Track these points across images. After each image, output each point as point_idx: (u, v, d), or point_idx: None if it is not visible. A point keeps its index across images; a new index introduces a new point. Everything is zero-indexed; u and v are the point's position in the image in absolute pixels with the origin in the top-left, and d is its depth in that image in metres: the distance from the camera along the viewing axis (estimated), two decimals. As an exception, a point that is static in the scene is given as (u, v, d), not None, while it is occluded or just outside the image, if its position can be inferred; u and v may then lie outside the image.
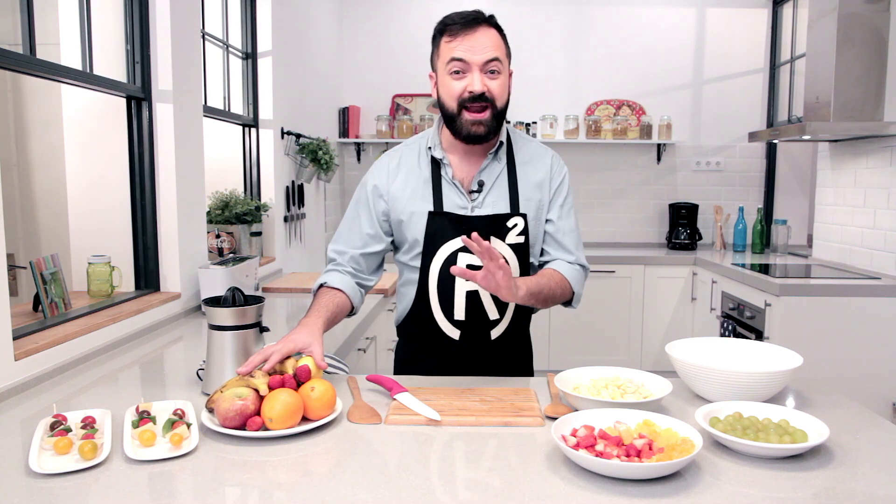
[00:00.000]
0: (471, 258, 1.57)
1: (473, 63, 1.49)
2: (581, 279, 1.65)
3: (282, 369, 1.33)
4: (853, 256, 3.66)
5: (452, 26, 1.50)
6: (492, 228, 1.58)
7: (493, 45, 1.50)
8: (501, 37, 1.55)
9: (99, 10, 2.18)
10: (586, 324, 4.48)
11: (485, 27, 1.50)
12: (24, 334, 1.68)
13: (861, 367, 3.15)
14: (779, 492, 1.04)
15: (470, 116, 1.51)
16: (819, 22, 3.58)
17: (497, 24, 1.55)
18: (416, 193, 1.62)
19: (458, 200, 1.60)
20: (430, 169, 1.62)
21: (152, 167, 2.31)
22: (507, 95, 1.55)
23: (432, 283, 1.62)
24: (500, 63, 1.51)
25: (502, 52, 1.53)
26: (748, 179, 5.01)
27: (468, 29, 1.49)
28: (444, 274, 1.59)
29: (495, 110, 1.52)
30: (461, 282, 1.59)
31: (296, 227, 3.74)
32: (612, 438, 1.12)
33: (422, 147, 1.65)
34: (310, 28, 4.11)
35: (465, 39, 1.49)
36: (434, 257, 1.60)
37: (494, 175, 1.61)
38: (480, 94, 1.49)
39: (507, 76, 1.56)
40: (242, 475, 1.10)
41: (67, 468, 1.08)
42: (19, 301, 2.56)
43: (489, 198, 1.60)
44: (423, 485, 1.06)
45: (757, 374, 1.36)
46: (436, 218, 1.59)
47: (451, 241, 1.58)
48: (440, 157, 1.60)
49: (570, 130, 4.86)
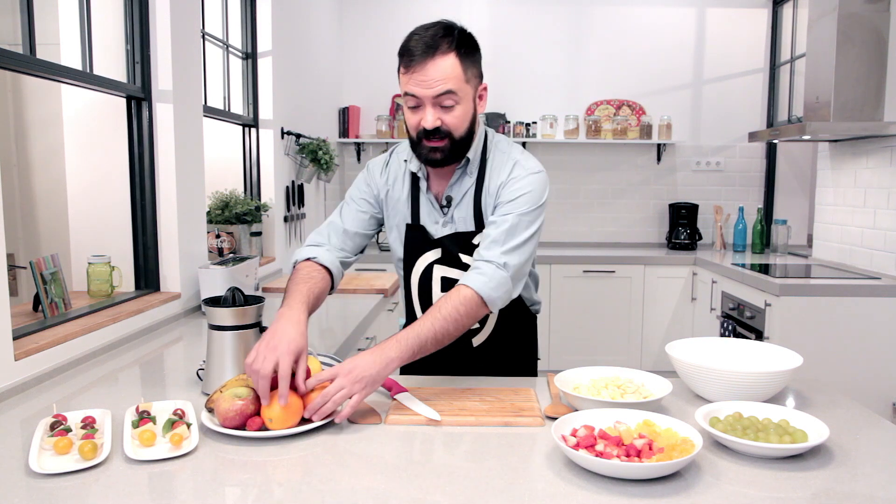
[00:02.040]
0: (446, 270, 1.61)
1: (425, 98, 1.43)
2: (496, 279, 1.44)
3: None
4: (853, 256, 3.66)
5: (407, 57, 1.42)
6: (458, 246, 1.60)
7: (444, 78, 1.41)
8: (463, 58, 1.44)
9: (99, 10, 2.18)
10: (586, 324, 4.48)
11: (440, 57, 1.40)
12: (24, 334, 1.68)
13: (861, 367, 3.15)
14: (779, 492, 1.04)
15: (428, 144, 1.49)
16: (819, 22, 3.58)
17: (460, 42, 1.44)
18: (399, 204, 1.65)
19: (432, 215, 1.62)
20: (410, 182, 1.63)
21: (152, 167, 2.31)
22: (467, 124, 1.48)
23: (414, 291, 1.67)
24: (455, 94, 1.43)
25: (458, 81, 1.43)
26: (748, 179, 5.01)
27: (421, 61, 1.40)
28: (423, 284, 1.64)
29: (453, 140, 1.48)
30: (438, 293, 1.62)
31: (296, 227, 3.74)
32: (612, 438, 1.12)
33: (402, 159, 1.65)
34: (310, 28, 4.11)
35: (417, 73, 1.41)
36: (413, 268, 1.65)
37: (463, 190, 1.59)
38: (434, 129, 1.46)
39: (472, 100, 1.48)
40: (242, 475, 1.10)
41: (67, 468, 1.08)
42: (19, 301, 2.56)
43: (458, 212, 1.61)
44: (422, 485, 1.06)
45: (757, 374, 1.36)
46: (412, 231, 1.63)
47: (428, 252, 1.62)
48: (416, 171, 1.60)
49: (570, 130, 4.86)
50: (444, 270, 1.61)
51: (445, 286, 1.61)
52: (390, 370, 1.33)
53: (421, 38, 1.42)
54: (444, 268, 1.61)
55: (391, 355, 1.32)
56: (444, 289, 1.61)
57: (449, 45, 1.42)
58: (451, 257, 1.60)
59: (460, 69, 1.44)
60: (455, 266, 1.61)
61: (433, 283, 1.63)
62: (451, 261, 1.61)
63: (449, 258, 1.61)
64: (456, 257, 1.60)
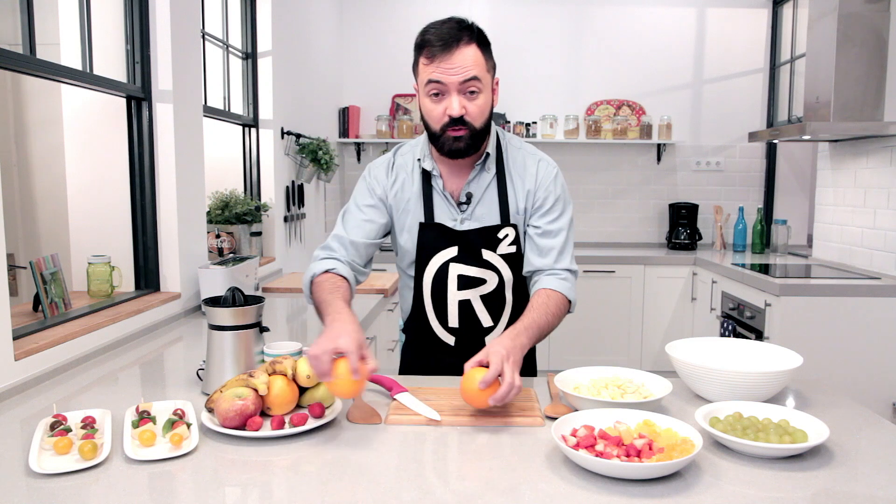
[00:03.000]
0: (463, 268, 1.60)
1: (451, 84, 1.45)
2: (572, 286, 1.60)
3: (282, 369, 1.33)
4: (853, 256, 3.66)
5: (430, 47, 1.45)
6: (483, 241, 1.59)
7: (471, 64, 1.45)
8: (482, 49, 1.48)
9: (99, 10, 2.18)
10: (586, 324, 4.48)
11: (463, 46, 1.44)
12: (24, 334, 1.68)
13: (861, 367, 3.15)
14: (779, 492, 1.04)
15: (451, 133, 1.50)
16: (819, 22, 3.58)
17: (478, 35, 1.48)
18: (410, 204, 1.63)
19: (449, 212, 1.61)
20: (422, 180, 1.62)
21: (152, 167, 2.31)
22: (486, 115, 1.51)
23: (426, 291, 1.64)
24: (480, 81, 1.46)
25: (482, 69, 1.47)
26: (748, 179, 5.01)
27: (447, 50, 1.44)
28: (437, 283, 1.62)
29: (473, 131, 1.50)
30: (453, 290, 1.61)
31: (296, 227, 3.74)
32: (612, 438, 1.12)
33: (414, 157, 1.65)
34: (310, 28, 4.11)
35: (443, 62, 1.44)
36: (427, 267, 1.62)
37: (483, 186, 1.61)
38: (459, 118, 1.47)
39: (490, 91, 1.52)
40: (242, 475, 1.10)
41: (67, 468, 1.08)
42: (19, 301, 2.57)
43: (478, 209, 1.61)
44: (422, 485, 1.06)
45: (757, 374, 1.36)
46: (427, 229, 1.61)
47: (443, 251, 1.60)
48: (430, 169, 1.60)
49: (570, 130, 4.86)
50: (460, 268, 1.60)
51: (462, 284, 1.60)
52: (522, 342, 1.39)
53: (441, 30, 1.46)
54: (460, 265, 1.60)
55: (523, 341, 1.39)
56: (462, 287, 1.60)
57: (470, 37, 1.47)
58: (470, 254, 1.60)
59: (483, 58, 1.48)
60: (473, 264, 1.60)
61: (448, 281, 1.61)
62: (469, 258, 1.60)
63: (467, 256, 1.60)
64: (476, 254, 1.59)
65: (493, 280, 1.62)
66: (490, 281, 1.62)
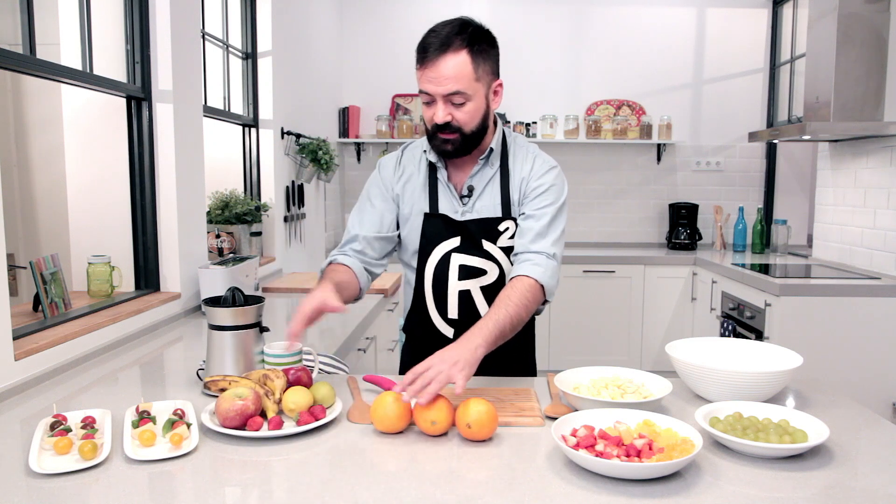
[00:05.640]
0: (465, 258, 1.62)
1: (436, 95, 1.49)
2: (546, 270, 1.54)
3: (271, 388, 1.33)
4: (853, 256, 3.66)
5: (423, 53, 1.49)
6: (483, 232, 1.62)
7: (455, 76, 1.46)
8: (474, 56, 1.48)
9: (99, 10, 2.18)
10: (586, 324, 4.48)
11: (450, 55, 1.46)
12: (24, 334, 1.68)
13: (861, 367, 3.15)
14: (779, 492, 1.04)
15: (441, 136, 1.55)
16: (819, 22, 3.58)
17: (473, 40, 1.48)
18: (415, 195, 1.67)
19: (451, 203, 1.65)
20: (427, 172, 1.67)
21: (152, 167, 2.31)
22: (478, 119, 1.54)
23: (427, 282, 1.66)
24: (464, 93, 1.48)
25: (467, 80, 1.48)
26: (748, 179, 5.01)
27: (434, 59, 1.46)
28: (438, 273, 1.64)
29: (464, 134, 1.54)
30: (454, 281, 1.63)
31: (296, 227, 3.74)
32: (612, 438, 1.12)
33: (421, 150, 1.69)
34: (310, 28, 4.11)
35: (430, 70, 1.47)
36: (429, 258, 1.65)
37: (485, 180, 1.64)
38: (445, 124, 1.52)
39: (483, 97, 1.53)
40: (242, 475, 1.10)
41: (67, 468, 1.08)
42: (19, 301, 2.57)
43: (479, 202, 1.64)
44: (422, 485, 1.06)
45: (757, 374, 1.36)
46: (431, 220, 1.64)
47: (446, 241, 1.63)
48: (435, 161, 1.64)
49: (570, 130, 4.86)
50: (462, 258, 1.62)
51: (463, 274, 1.63)
52: (479, 354, 1.36)
53: (436, 36, 1.48)
54: (462, 255, 1.62)
55: (477, 341, 1.37)
56: (462, 277, 1.62)
57: (461, 43, 1.47)
58: (471, 245, 1.62)
59: (471, 67, 1.48)
60: (474, 254, 1.62)
61: (450, 271, 1.63)
62: (471, 248, 1.62)
63: (468, 246, 1.62)
64: (477, 244, 1.62)
65: (494, 272, 1.64)
66: (490, 272, 1.63)
